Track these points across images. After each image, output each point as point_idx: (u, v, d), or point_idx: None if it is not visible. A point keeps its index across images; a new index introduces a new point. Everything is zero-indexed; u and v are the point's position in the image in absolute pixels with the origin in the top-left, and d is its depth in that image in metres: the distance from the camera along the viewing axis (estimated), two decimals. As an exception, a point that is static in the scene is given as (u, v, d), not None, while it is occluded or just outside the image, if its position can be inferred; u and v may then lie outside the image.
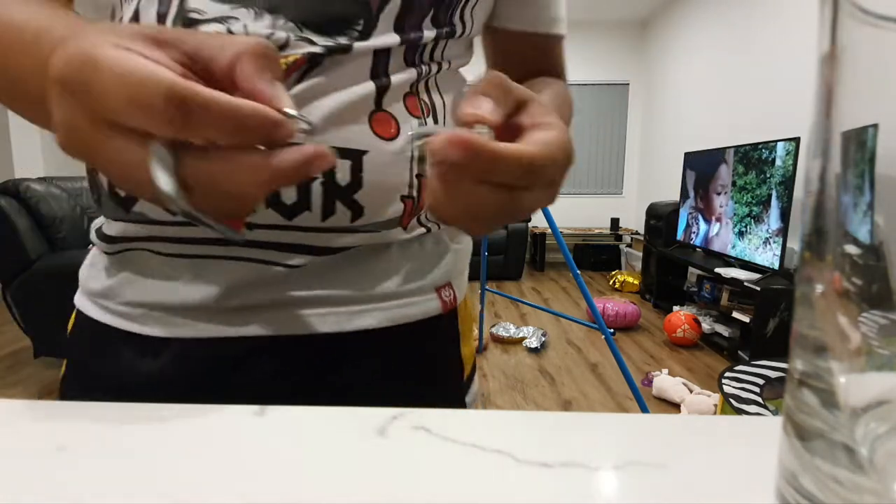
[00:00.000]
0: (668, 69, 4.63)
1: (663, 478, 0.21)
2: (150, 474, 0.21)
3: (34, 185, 2.47)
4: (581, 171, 5.44)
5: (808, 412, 0.14)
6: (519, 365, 2.56)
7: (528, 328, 2.94)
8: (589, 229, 5.14)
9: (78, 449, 0.23)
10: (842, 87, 0.12)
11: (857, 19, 0.12)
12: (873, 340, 0.13)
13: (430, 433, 0.25)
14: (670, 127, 4.58)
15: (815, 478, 0.14)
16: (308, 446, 0.24)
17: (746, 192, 2.72)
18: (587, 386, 2.30)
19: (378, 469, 0.22)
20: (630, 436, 0.25)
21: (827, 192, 0.13)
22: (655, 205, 3.90)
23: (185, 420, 0.26)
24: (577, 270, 1.89)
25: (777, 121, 2.96)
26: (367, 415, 0.27)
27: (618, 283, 4.27)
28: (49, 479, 0.21)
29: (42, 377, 2.39)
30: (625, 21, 5.17)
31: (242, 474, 0.21)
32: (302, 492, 0.20)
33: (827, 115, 0.13)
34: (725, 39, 3.60)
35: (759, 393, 1.45)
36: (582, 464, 0.22)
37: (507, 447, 0.23)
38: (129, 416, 0.26)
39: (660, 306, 3.55)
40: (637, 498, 0.20)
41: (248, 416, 0.26)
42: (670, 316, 2.88)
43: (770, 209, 2.50)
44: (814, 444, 0.14)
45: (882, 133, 0.12)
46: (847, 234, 0.13)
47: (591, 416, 0.27)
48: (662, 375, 2.25)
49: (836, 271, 0.13)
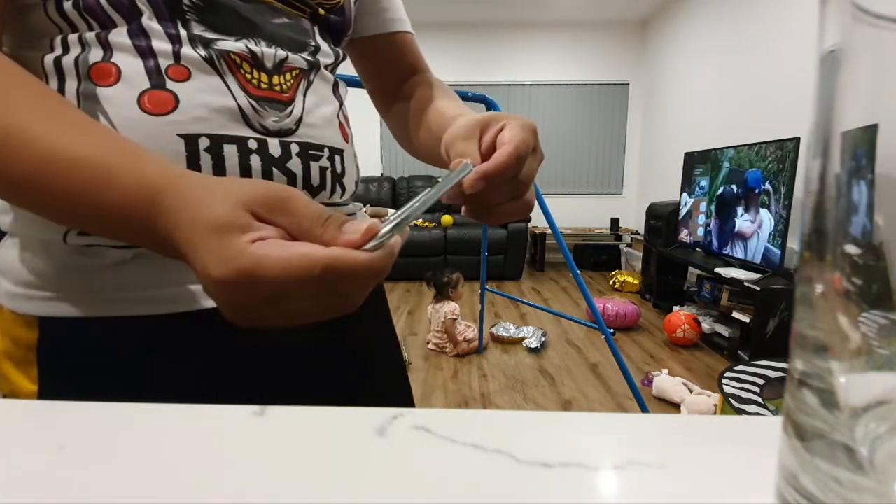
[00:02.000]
0: (668, 69, 4.63)
1: (663, 478, 0.21)
2: (150, 474, 0.21)
3: (34, 185, 2.47)
4: (581, 171, 5.44)
5: (808, 412, 0.14)
6: (519, 365, 2.55)
7: (528, 328, 2.94)
8: (589, 229, 5.14)
9: (78, 449, 0.23)
10: (842, 87, 0.12)
11: (857, 19, 0.12)
12: (873, 340, 0.13)
13: (430, 433, 0.25)
14: (670, 127, 4.58)
15: (815, 478, 0.14)
16: (308, 446, 0.24)
17: (746, 191, 2.72)
18: (587, 386, 2.30)
19: (378, 469, 0.22)
20: (630, 436, 0.25)
21: (827, 192, 0.13)
22: (655, 205, 3.90)
23: (185, 420, 0.26)
24: (577, 270, 1.88)
25: (777, 121, 2.96)
26: (367, 415, 0.27)
27: (618, 283, 4.27)
28: (49, 479, 0.21)
29: (42, 377, 2.39)
30: (625, 21, 5.17)
31: (242, 474, 0.21)
32: (302, 492, 0.20)
33: (827, 115, 0.13)
34: (725, 39, 3.60)
35: (759, 393, 1.45)
36: (582, 464, 0.22)
37: (507, 447, 0.23)
38: (129, 416, 0.26)
39: (660, 306, 3.55)
40: (637, 498, 0.20)
41: (248, 416, 0.26)
42: (670, 316, 2.88)
43: (770, 209, 2.50)
44: (814, 444, 0.14)
45: (882, 133, 0.12)
46: (847, 234, 0.13)
47: (591, 416, 0.27)
48: (662, 375, 2.25)
49: (836, 271, 0.13)
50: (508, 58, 5.25)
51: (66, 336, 0.37)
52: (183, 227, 0.26)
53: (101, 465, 0.22)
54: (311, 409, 0.27)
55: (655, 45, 4.92)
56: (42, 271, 0.36)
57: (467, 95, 1.92)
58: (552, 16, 5.03)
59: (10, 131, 0.28)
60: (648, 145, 5.11)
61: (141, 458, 0.23)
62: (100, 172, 0.28)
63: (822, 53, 0.13)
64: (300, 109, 0.42)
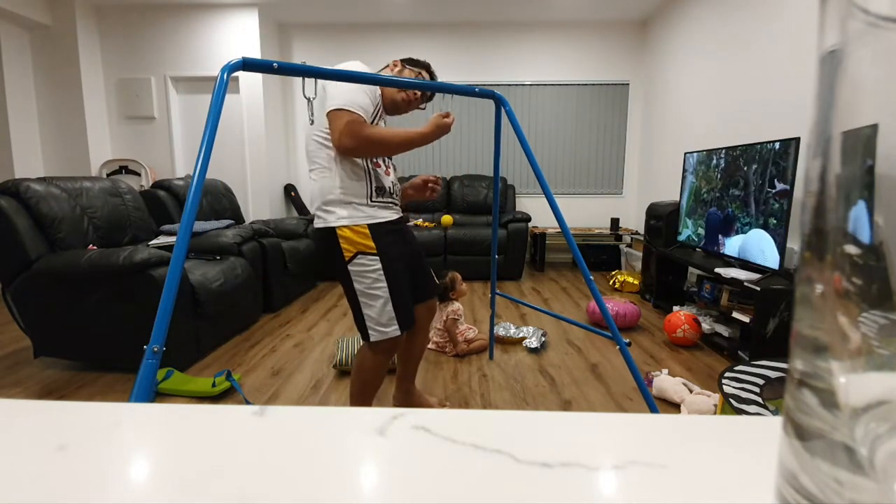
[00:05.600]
0: (668, 69, 4.63)
1: (663, 478, 0.21)
2: (150, 474, 0.21)
3: (34, 185, 2.46)
4: (581, 171, 5.44)
5: (808, 412, 0.14)
6: (519, 365, 2.55)
7: (528, 328, 2.94)
8: (589, 229, 5.14)
9: (78, 449, 0.23)
10: (842, 87, 0.12)
11: (857, 19, 0.12)
12: (873, 340, 0.13)
13: (430, 433, 0.25)
14: (670, 127, 4.58)
15: (815, 478, 0.14)
16: (308, 446, 0.24)
17: (747, 192, 2.72)
18: (587, 386, 2.30)
19: (378, 469, 0.22)
20: (630, 436, 0.25)
21: (827, 192, 0.13)
22: (655, 205, 3.90)
23: (185, 420, 0.26)
24: (590, 276, 1.82)
25: (777, 121, 2.96)
26: (367, 415, 0.27)
27: (618, 283, 4.27)
28: (49, 478, 0.21)
29: (42, 377, 2.39)
30: (625, 21, 5.17)
31: (242, 474, 0.21)
32: (302, 491, 0.20)
33: (827, 115, 0.13)
34: (725, 39, 3.60)
35: (759, 393, 1.45)
36: (582, 464, 0.22)
37: (507, 447, 0.23)
38: (129, 416, 0.26)
39: (660, 306, 3.55)
40: (637, 498, 0.20)
41: (248, 416, 0.26)
42: (670, 316, 2.88)
43: (770, 209, 2.50)
44: (814, 444, 0.14)
45: (882, 133, 0.12)
46: (847, 234, 0.13)
47: (591, 416, 0.27)
48: (662, 375, 2.25)
49: (836, 271, 0.13)
50: (508, 58, 5.25)
51: (376, 227, 1.53)
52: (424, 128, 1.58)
53: (101, 465, 0.22)
54: (312, 409, 0.27)
55: (655, 45, 4.92)
56: (364, 214, 1.53)
57: (475, 90, 1.89)
58: (552, 16, 5.03)
59: (384, 133, 1.49)
60: (648, 145, 5.11)
61: (141, 458, 0.23)
62: (403, 131, 1.53)
63: (822, 53, 0.13)
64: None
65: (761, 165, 2.58)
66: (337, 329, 3.12)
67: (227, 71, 1.17)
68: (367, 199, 1.53)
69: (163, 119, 5.00)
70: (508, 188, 5.14)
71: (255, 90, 4.88)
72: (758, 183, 2.60)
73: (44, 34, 4.57)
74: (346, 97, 1.44)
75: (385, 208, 1.58)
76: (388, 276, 1.51)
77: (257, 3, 4.71)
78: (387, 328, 1.52)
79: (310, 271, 4.01)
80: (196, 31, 4.84)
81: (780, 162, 2.45)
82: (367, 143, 1.43)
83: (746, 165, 2.71)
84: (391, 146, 1.49)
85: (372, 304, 1.51)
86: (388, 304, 1.51)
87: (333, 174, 1.50)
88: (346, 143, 1.42)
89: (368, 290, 1.51)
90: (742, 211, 2.73)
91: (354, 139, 1.41)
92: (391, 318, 1.52)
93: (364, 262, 1.50)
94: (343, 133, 1.41)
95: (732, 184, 2.86)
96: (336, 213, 1.50)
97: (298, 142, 5.41)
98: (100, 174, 4.79)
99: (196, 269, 2.67)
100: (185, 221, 1.09)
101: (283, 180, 5.37)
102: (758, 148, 2.63)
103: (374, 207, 1.54)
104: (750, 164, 2.68)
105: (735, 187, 2.82)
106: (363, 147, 1.45)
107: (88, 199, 2.74)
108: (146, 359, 1.00)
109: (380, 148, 1.48)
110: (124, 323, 2.32)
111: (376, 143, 1.45)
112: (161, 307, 1.04)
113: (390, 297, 1.51)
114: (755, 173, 2.63)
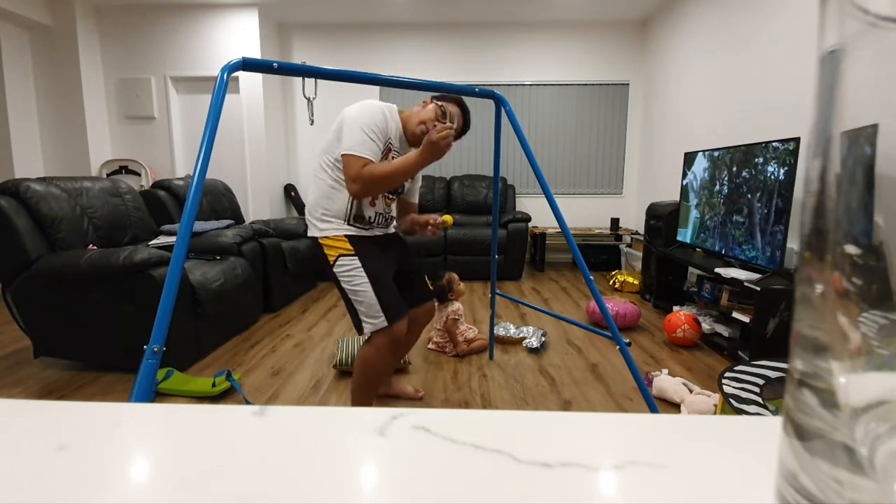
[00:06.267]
0: (668, 69, 4.63)
1: (663, 478, 0.21)
2: (150, 474, 0.21)
3: (34, 185, 2.46)
4: (581, 171, 5.44)
5: (808, 412, 0.14)
6: (519, 365, 2.55)
7: (528, 328, 2.94)
8: (589, 229, 5.14)
9: (78, 449, 0.23)
10: (842, 87, 0.12)
11: (857, 19, 0.12)
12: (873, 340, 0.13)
13: (430, 433, 0.25)
14: (670, 127, 4.58)
15: (815, 478, 0.14)
16: (308, 446, 0.24)
17: (747, 192, 2.71)
18: (587, 386, 2.30)
19: (378, 469, 0.22)
20: (630, 436, 0.25)
21: (827, 192, 0.13)
22: (655, 205, 3.90)
23: (185, 420, 0.26)
24: (591, 276, 1.84)
25: (777, 121, 2.96)
26: (367, 415, 0.27)
27: (618, 283, 4.27)
28: (49, 478, 0.21)
29: (42, 377, 2.38)
30: (625, 21, 5.17)
31: (242, 474, 0.21)
32: (302, 491, 0.20)
33: (827, 115, 0.13)
34: (725, 39, 3.60)
35: (759, 393, 1.45)
36: (582, 464, 0.22)
37: (507, 447, 0.23)
38: (129, 416, 0.26)
39: (660, 306, 3.55)
40: (637, 498, 0.20)
41: (248, 416, 0.26)
42: (670, 316, 2.88)
43: (770, 209, 2.50)
44: (814, 444, 0.14)
45: (882, 133, 0.12)
46: (847, 234, 0.13)
47: (591, 416, 0.27)
48: (662, 375, 2.25)
49: (836, 271, 0.13)
50: (508, 58, 5.25)
51: (353, 237, 1.70)
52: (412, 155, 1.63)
53: (101, 465, 0.22)
54: (312, 409, 0.27)
55: (655, 45, 4.92)
56: (343, 229, 1.70)
57: (475, 90, 1.91)
58: (552, 16, 5.03)
59: (385, 169, 1.61)
60: (648, 145, 5.11)
61: (141, 458, 0.23)
62: (398, 162, 1.62)
63: (822, 53, 0.13)
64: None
65: (766, 195, 2.54)
66: (337, 329, 3.12)
67: (227, 71, 1.17)
68: (344, 222, 1.72)
69: (163, 119, 5.00)
70: (508, 188, 5.14)
71: (255, 90, 4.88)
72: (763, 213, 2.56)
73: (44, 34, 4.57)
74: (357, 142, 1.60)
75: (361, 231, 1.74)
76: (367, 271, 1.66)
77: (257, 3, 4.71)
78: (375, 319, 1.66)
79: (310, 271, 4.01)
80: (196, 31, 4.84)
81: (783, 192, 2.45)
82: (371, 184, 1.60)
83: (750, 194, 2.66)
84: (394, 180, 1.64)
85: (360, 300, 1.66)
86: (374, 298, 1.65)
87: (322, 194, 1.71)
88: (354, 189, 1.61)
89: (354, 287, 1.67)
90: (748, 243, 2.69)
91: (360, 185, 1.60)
92: (378, 310, 1.66)
93: (345, 263, 1.68)
94: (349, 179, 1.61)
95: (736, 210, 2.82)
96: (318, 227, 1.72)
97: (298, 142, 5.41)
98: (100, 174, 4.79)
99: (196, 269, 2.67)
100: (185, 221, 1.09)
101: (283, 180, 5.36)
102: (760, 167, 2.63)
103: (350, 227, 1.73)
104: (754, 193, 2.63)
105: (738, 214, 2.79)
106: (370, 189, 1.62)
107: (88, 199, 2.74)
108: (146, 359, 1.00)
109: (383, 184, 1.63)
110: (124, 323, 2.32)
111: (378, 181, 1.61)
112: (161, 307, 1.04)
113: (373, 290, 1.65)
114: (759, 200, 2.58)
